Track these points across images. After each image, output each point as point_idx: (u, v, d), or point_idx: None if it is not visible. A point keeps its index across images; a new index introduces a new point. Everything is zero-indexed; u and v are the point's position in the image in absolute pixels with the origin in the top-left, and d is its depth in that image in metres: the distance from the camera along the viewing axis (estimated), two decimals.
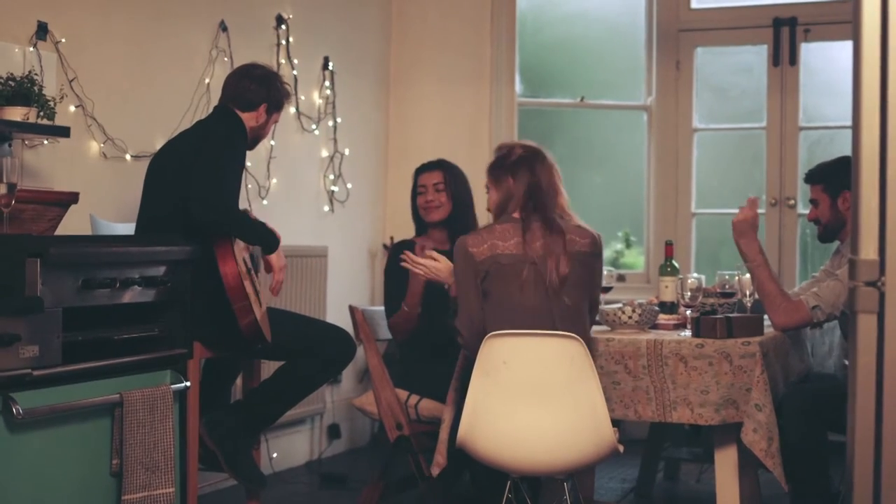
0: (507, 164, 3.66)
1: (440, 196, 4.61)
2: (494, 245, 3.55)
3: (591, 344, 3.65)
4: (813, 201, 4.32)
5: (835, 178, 4.20)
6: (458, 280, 3.63)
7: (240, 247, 3.88)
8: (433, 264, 3.94)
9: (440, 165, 4.69)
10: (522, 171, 3.63)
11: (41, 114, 3.72)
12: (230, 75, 4.17)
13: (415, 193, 4.70)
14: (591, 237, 3.63)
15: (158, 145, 4.12)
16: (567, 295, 3.54)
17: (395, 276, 4.54)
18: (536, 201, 3.60)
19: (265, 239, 3.94)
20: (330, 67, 5.83)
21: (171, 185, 3.83)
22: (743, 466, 3.82)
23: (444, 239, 4.65)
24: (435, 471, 3.87)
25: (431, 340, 4.44)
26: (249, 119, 4.04)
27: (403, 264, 4.04)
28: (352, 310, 4.50)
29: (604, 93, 6.64)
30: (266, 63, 4.32)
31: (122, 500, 3.18)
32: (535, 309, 3.51)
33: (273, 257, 3.97)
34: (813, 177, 4.33)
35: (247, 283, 3.78)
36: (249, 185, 5.17)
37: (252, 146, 4.15)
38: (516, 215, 3.61)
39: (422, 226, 4.71)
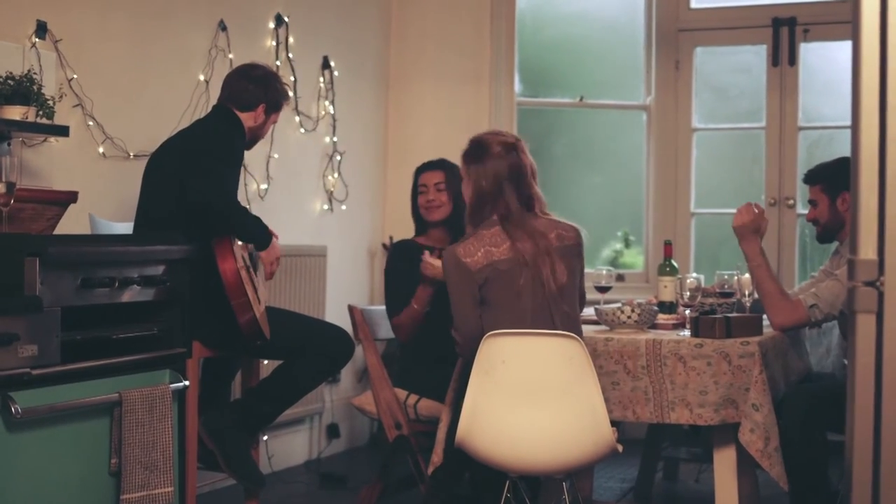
0: (482, 160, 3.62)
1: (441, 196, 4.60)
2: (489, 252, 3.54)
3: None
4: (812, 202, 4.31)
5: (834, 178, 4.20)
6: (452, 290, 3.60)
7: (238, 245, 3.88)
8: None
9: (442, 165, 4.68)
10: (491, 170, 3.60)
11: (40, 113, 3.72)
12: (229, 75, 4.18)
13: (415, 193, 4.69)
14: (575, 230, 3.66)
15: (157, 144, 4.11)
16: (565, 302, 3.55)
17: (398, 276, 4.54)
18: (510, 202, 3.59)
19: (257, 234, 3.90)
20: (329, 67, 5.83)
21: (169, 184, 3.83)
22: (742, 466, 3.82)
23: (444, 238, 4.64)
24: (430, 469, 3.87)
25: (435, 344, 4.43)
26: (248, 119, 4.05)
27: (423, 265, 4.18)
28: (351, 309, 4.50)
29: (603, 92, 6.64)
30: (265, 63, 4.32)
31: (121, 499, 3.18)
32: (536, 311, 3.52)
33: (263, 254, 3.95)
34: (812, 177, 4.33)
35: (246, 282, 3.78)
36: (248, 185, 5.17)
37: (250, 146, 4.15)
38: (495, 217, 3.60)
39: (422, 225, 4.70)
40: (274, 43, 5.41)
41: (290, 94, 4.37)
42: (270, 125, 4.16)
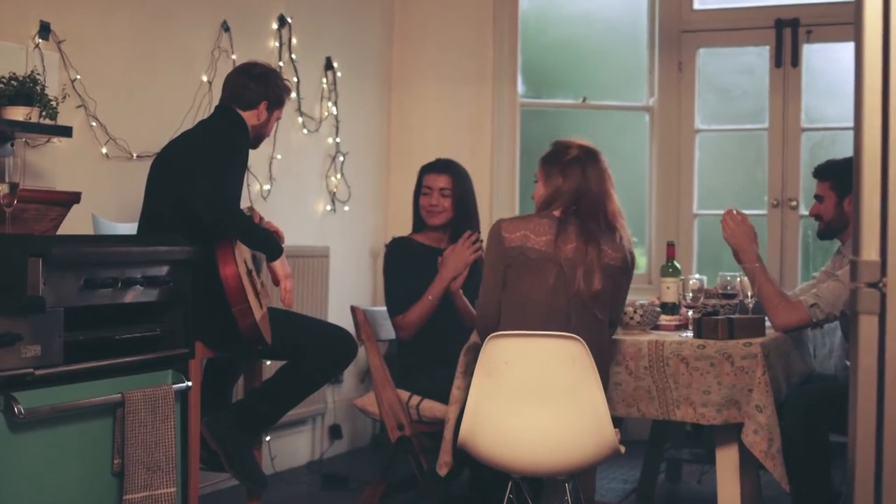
0: (561, 162, 3.65)
1: (445, 202, 4.59)
2: (526, 236, 3.54)
3: (607, 354, 3.65)
4: (818, 197, 4.29)
5: (844, 177, 4.16)
6: (486, 262, 3.64)
7: (241, 247, 3.88)
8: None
9: (448, 169, 4.65)
10: (574, 172, 3.63)
11: (43, 113, 3.72)
12: (230, 74, 4.18)
13: (418, 192, 4.68)
14: (623, 253, 3.62)
15: (160, 145, 4.12)
16: (597, 308, 3.55)
17: (399, 273, 4.54)
18: (581, 205, 3.59)
19: (267, 244, 3.91)
20: (332, 68, 5.83)
21: (173, 185, 3.83)
22: (744, 467, 3.82)
23: (442, 238, 4.64)
24: (443, 470, 3.84)
25: (436, 345, 4.43)
26: (251, 118, 4.05)
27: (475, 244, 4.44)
28: (353, 310, 4.50)
29: (606, 93, 6.64)
30: (266, 62, 4.32)
31: (124, 499, 3.18)
32: (553, 311, 3.50)
33: (277, 265, 3.92)
34: (822, 172, 4.30)
35: (247, 285, 3.78)
36: (251, 185, 5.18)
37: (255, 145, 4.15)
38: (557, 213, 3.61)
39: (420, 222, 4.69)
40: (277, 44, 5.41)
41: (292, 90, 4.36)
42: (274, 122, 4.16)
